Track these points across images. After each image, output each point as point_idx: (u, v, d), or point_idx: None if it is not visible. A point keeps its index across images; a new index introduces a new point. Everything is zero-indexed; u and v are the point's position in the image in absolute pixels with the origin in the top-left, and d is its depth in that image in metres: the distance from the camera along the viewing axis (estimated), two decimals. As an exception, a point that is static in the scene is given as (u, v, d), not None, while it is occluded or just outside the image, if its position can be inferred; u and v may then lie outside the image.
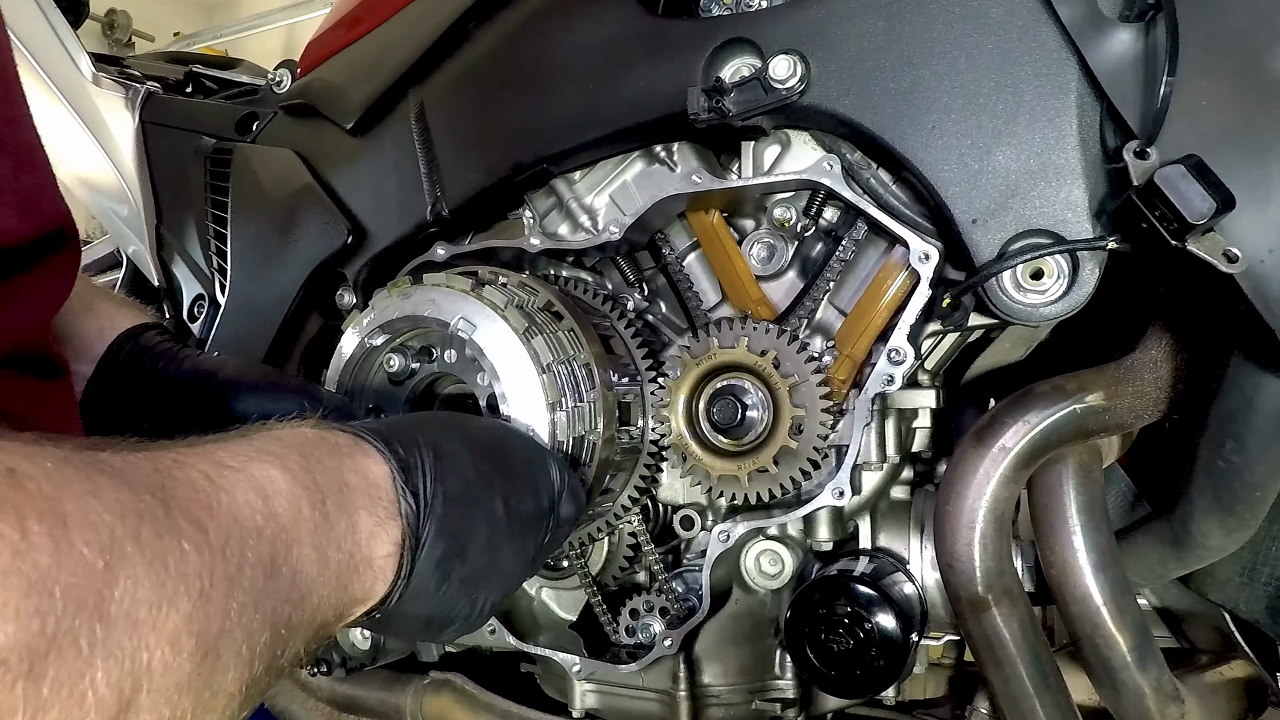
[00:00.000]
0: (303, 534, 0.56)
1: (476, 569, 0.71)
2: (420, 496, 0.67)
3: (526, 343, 0.92)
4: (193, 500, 0.48)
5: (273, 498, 0.54)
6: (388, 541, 0.64)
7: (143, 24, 5.62)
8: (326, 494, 0.59)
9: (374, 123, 1.25)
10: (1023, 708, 0.96)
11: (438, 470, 0.69)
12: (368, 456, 0.66)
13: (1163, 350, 0.93)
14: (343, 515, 0.60)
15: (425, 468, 0.68)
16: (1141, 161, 0.77)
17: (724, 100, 0.93)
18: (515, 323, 0.93)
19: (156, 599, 0.42)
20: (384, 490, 0.65)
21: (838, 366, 1.02)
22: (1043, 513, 0.97)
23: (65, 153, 1.55)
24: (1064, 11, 0.84)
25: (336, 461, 0.63)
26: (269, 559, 0.52)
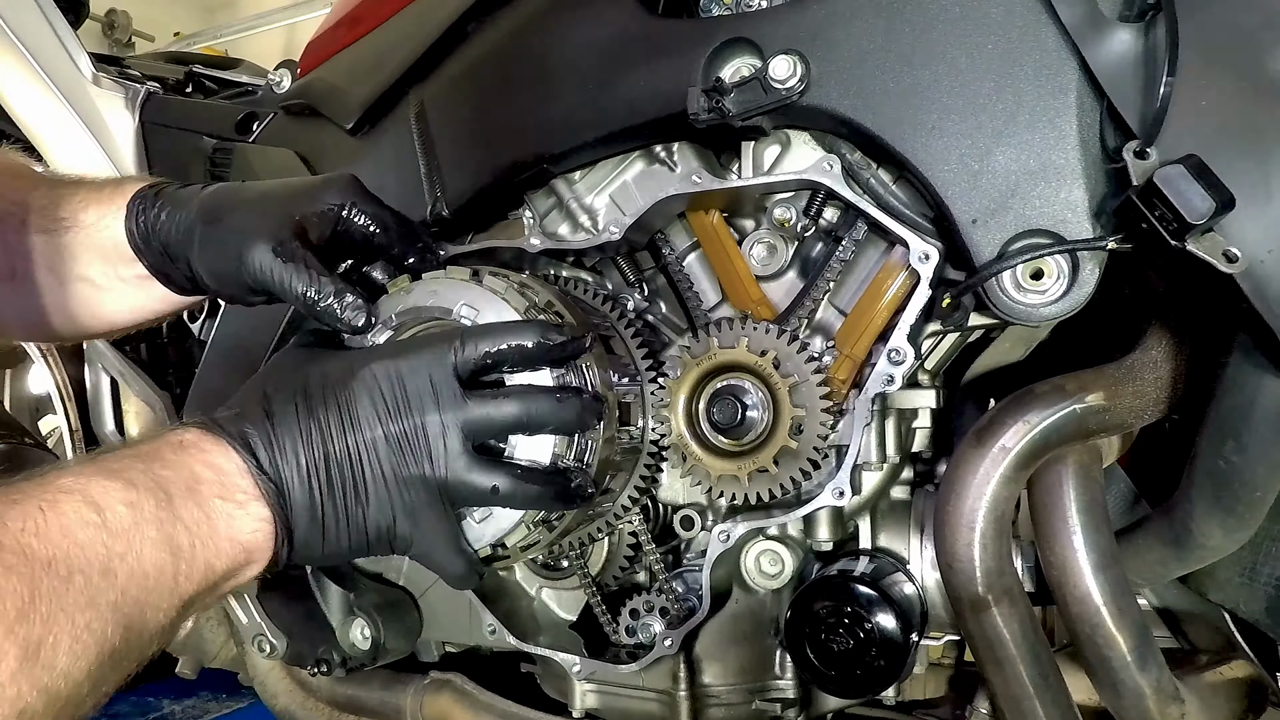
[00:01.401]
0: (146, 529, 0.66)
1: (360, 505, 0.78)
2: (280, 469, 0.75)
3: None
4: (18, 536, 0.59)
5: (107, 508, 0.64)
6: (252, 519, 0.73)
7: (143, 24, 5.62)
8: (172, 491, 0.69)
9: (374, 123, 1.25)
10: (1023, 708, 0.96)
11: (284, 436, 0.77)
12: (216, 447, 0.75)
13: (1163, 350, 0.93)
14: (191, 505, 0.70)
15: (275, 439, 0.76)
16: (1141, 161, 0.77)
17: (724, 100, 0.93)
18: (516, 303, 0.93)
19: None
20: (235, 477, 0.74)
21: (838, 366, 1.02)
22: (1043, 513, 0.97)
23: (65, 153, 1.55)
24: (1064, 11, 0.84)
25: (185, 459, 0.73)
26: (103, 562, 0.62)
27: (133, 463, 0.70)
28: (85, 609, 0.60)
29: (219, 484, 0.73)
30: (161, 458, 0.72)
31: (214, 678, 2.05)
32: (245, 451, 0.75)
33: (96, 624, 0.61)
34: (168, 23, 5.82)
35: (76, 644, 0.59)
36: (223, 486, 0.73)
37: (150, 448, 0.73)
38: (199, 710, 2.16)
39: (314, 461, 0.76)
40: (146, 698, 2.19)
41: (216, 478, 0.73)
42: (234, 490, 0.73)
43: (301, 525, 0.76)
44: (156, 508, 0.67)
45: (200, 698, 2.20)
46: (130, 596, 0.64)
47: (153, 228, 0.95)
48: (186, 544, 0.68)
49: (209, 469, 0.73)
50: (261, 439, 0.76)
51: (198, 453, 0.74)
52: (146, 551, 0.66)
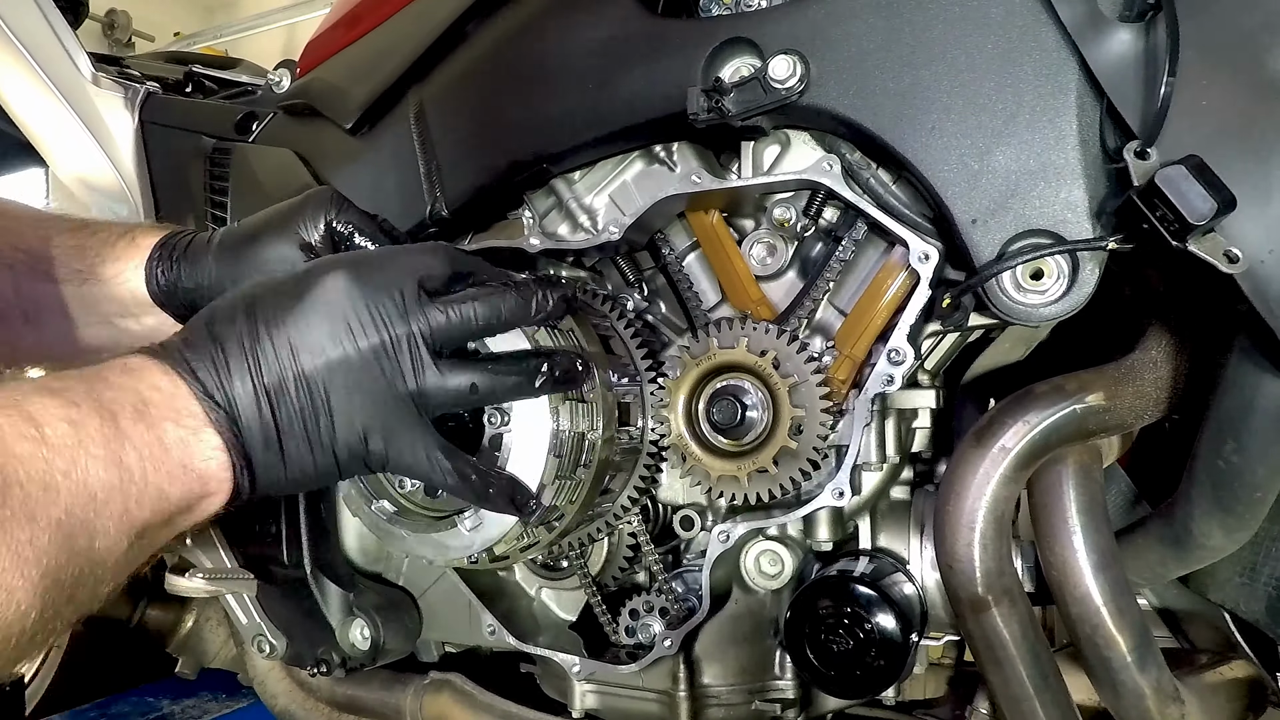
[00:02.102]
0: (90, 447, 0.62)
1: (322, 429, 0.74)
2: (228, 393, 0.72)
3: (531, 340, 0.92)
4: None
5: (46, 424, 0.60)
6: (206, 447, 0.70)
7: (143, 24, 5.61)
8: (118, 411, 0.65)
9: (373, 122, 1.25)
10: (1023, 708, 0.96)
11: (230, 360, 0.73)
12: (163, 374, 0.71)
13: (1163, 350, 0.93)
14: (141, 426, 0.66)
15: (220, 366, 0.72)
16: (1142, 162, 0.77)
17: (724, 100, 0.93)
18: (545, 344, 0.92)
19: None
20: (184, 401, 0.70)
21: (837, 366, 1.02)
22: (1043, 513, 0.97)
23: (65, 153, 1.55)
24: (1064, 11, 0.84)
25: (132, 381, 0.69)
26: (43, 476, 0.58)
27: (75, 383, 0.66)
28: (25, 524, 0.57)
29: (169, 408, 0.69)
30: (105, 379, 0.68)
31: (214, 678, 2.05)
32: (190, 377, 0.71)
33: (40, 539, 0.57)
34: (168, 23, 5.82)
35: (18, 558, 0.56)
36: (174, 410, 0.69)
37: (93, 370, 0.69)
38: (199, 710, 2.16)
39: (266, 387, 0.72)
40: (146, 698, 2.20)
41: (166, 401, 0.69)
42: (184, 415, 0.69)
43: (258, 452, 0.73)
44: (101, 425, 0.63)
45: (200, 698, 2.20)
46: (75, 516, 0.60)
47: (176, 284, 0.96)
48: (136, 465, 0.65)
49: (157, 392, 0.69)
50: (207, 364, 0.72)
51: (145, 375, 0.70)
52: (92, 470, 0.62)
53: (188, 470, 0.68)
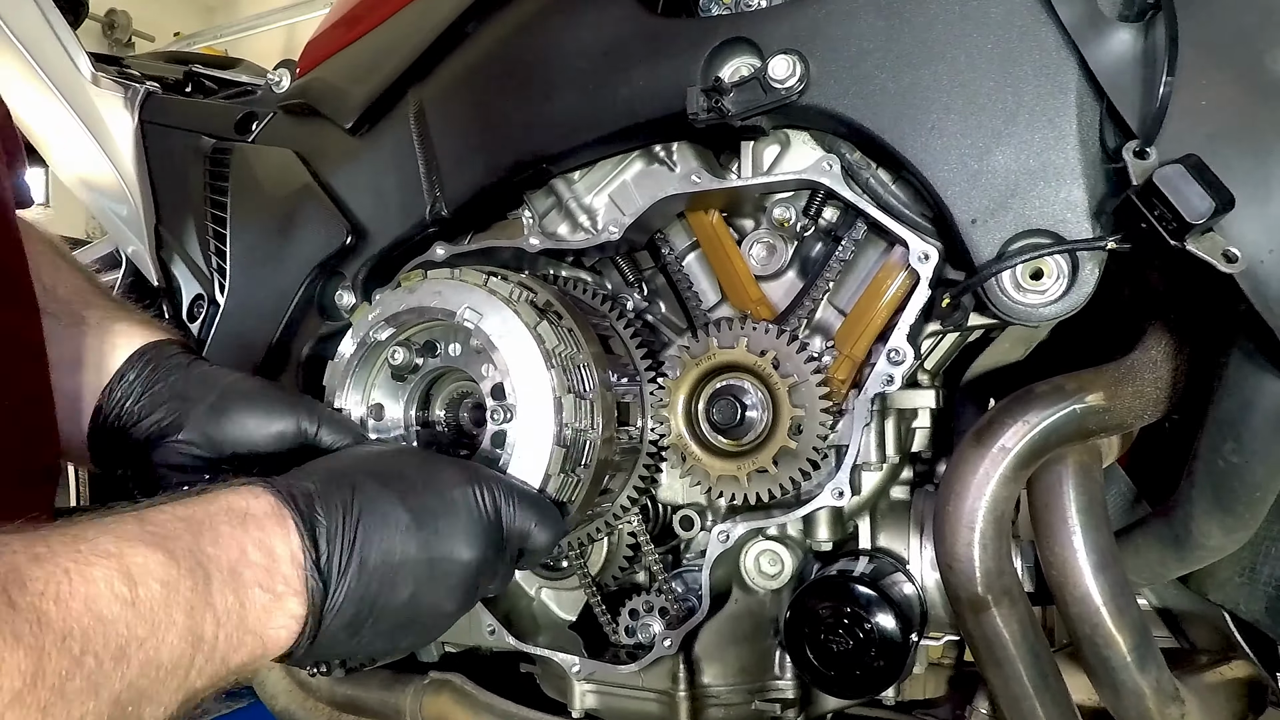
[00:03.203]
0: (174, 614, 0.60)
1: (395, 623, 0.75)
2: (334, 569, 0.71)
3: (534, 333, 0.92)
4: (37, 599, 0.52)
5: (141, 583, 0.58)
6: (284, 615, 0.68)
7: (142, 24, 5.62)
8: (212, 573, 0.63)
9: (373, 122, 1.25)
10: (1023, 707, 0.96)
11: (358, 535, 0.72)
12: (280, 528, 0.69)
13: (1163, 350, 0.93)
14: (228, 593, 0.64)
15: (344, 534, 0.72)
16: (1141, 161, 0.77)
17: (723, 100, 0.93)
18: (527, 316, 0.93)
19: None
20: (287, 567, 0.69)
21: (837, 366, 1.02)
22: (1043, 513, 0.97)
23: (65, 153, 1.55)
24: (1064, 11, 0.84)
25: (239, 536, 0.67)
26: (120, 646, 0.56)
27: (182, 531, 0.64)
28: (87, 698, 0.54)
29: (265, 570, 0.67)
30: (215, 530, 0.66)
31: (214, 678, 2.05)
32: (308, 540, 0.70)
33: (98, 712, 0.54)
34: (167, 23, 5.83)
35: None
36: (268, 574, 0.67)
37: (206, 513, 0.67)
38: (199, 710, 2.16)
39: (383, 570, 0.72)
40: (146, 698, 2.19)
41: (265, 563, 0.67)
42: (278, 579, 0.68)
43: (336, 630, 0.71)
44: (192, 590, 0.62)
45: (200, 698, 2.19)
46: (136, 688, 0.57)
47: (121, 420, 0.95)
48: (210, 636, 0.63)
49: (260, 551, 0.67)
50: (335, 523, 0.71)
51: (255, 530, 0.68)
52: (169, 640, 0.59)
53: (256, 637, 0.67)
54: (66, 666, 0.52)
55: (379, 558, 0.73)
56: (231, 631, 0.64)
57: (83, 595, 0.54)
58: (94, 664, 0.54)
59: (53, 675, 0.51)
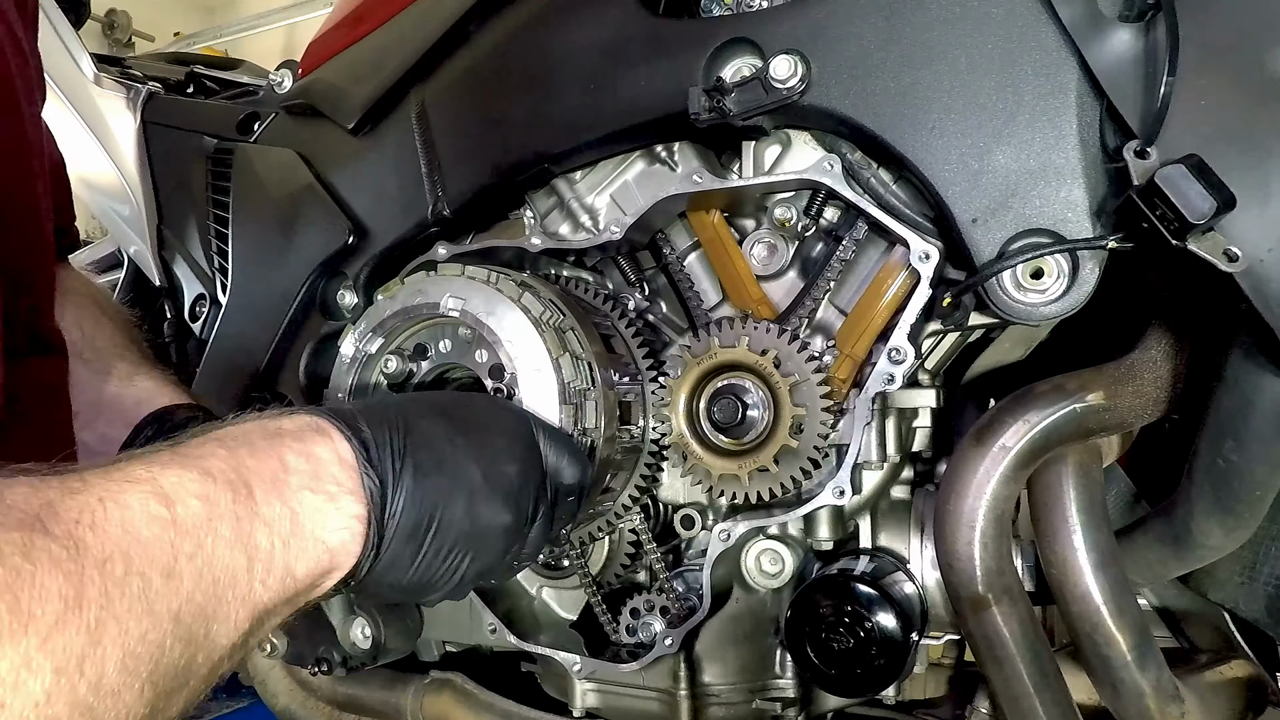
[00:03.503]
0: (219, 527, 0.58)
1: (456, 538, 0.74)
2: (388, 470, 0.70)
3: (539, 329, 0.94)
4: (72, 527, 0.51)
5: (179, 501, 0.57)
6: (342, 516, 0.66)
7: (143, 24, 5.62)
8: (253, 483, 0.62)
9: (375, 123, 1.25)
10: (1022, 707, 0.96)
11: (408, 444, 0.72)
12: (320, 435, 0.68)
13: (1163, 350, 0.93)
14: (274, 500, 0.63)
15: (394, 443, 0.71)
16: (1142, 161, 0.77)
17: (725, 100, 0.94)
18: (509, 292, 0.94)
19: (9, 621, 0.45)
20: (335, 468, 0.67)
21: (838, 366, 1.02)
22: (1043, 512, 0.97)
23: (67, 153, 1.55)
24: (1064, 11, 0.84)
25: (275, 448, 0.66)
26: (167, 564, 0.54)
27: (215, 448, 0.63)
28: (141, 617, 0.52)
29: (311, 474, 0.66)
30: (250, 444, 0.65)
31: (214, 678, 2.04)
32: (355, 440, 0.69)
33: (154, 634, 0.53)
34: (168, 23, 5.83)
35: (129, 658, 0.51)
36: (315, 477, 0.66)
37: (240, 430, 0.66)
38: (199, 710, 2.15)
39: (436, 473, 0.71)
40: (146, 697, 2.19)
41: (309, 467, 0.66)
42: (326, 480, 0.66)
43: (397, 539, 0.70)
44: (234, 502, 0.60)
45: (200, 697, 2.19)
46: (195, 604, 0.56)
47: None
48: (265, 544, 0.61)
49: (303, 457, 0.66)
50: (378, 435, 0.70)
51: (293, 441, 0.67)
52: (219, 552, 0.58)
53: (318, 543, 0.65)
54: (110, 588, 0.51)
55: (431, 464, 0.72)
56: (287, 538, 0.63)
57: (119, 520, 0.53)
58: (141, 583, 0.52)
59: (96, 597, 0.50)
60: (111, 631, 0.50)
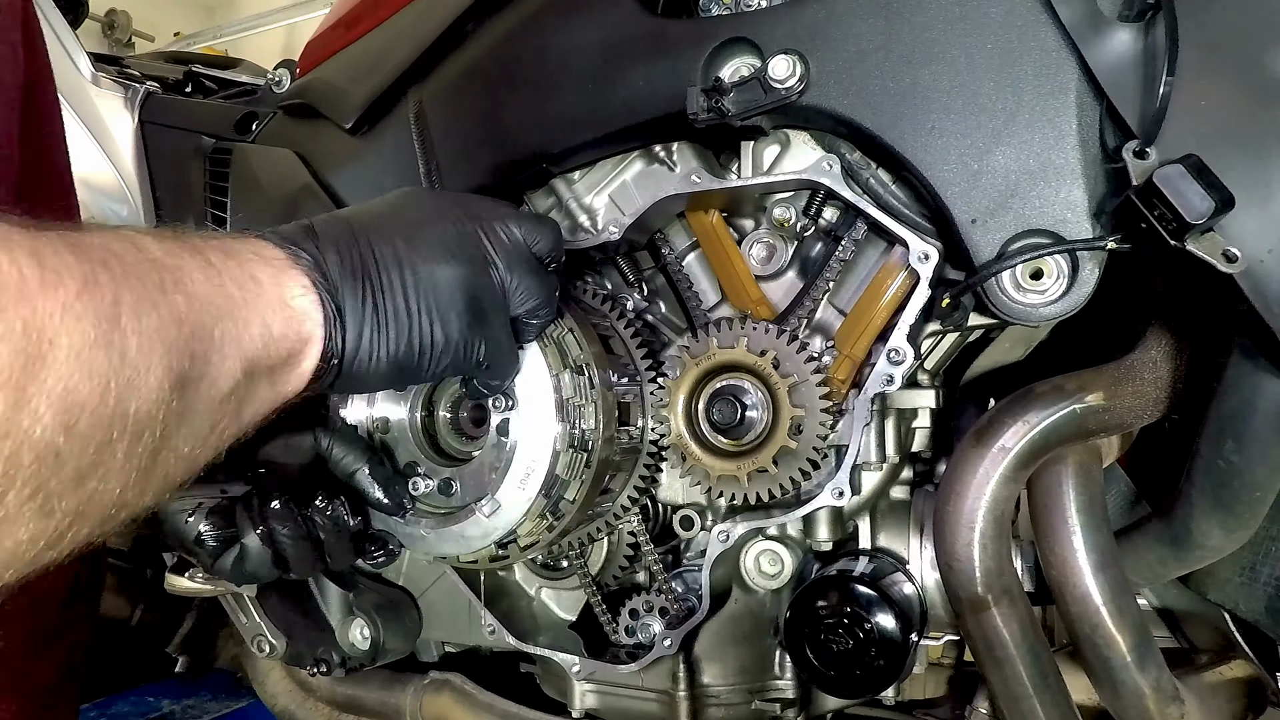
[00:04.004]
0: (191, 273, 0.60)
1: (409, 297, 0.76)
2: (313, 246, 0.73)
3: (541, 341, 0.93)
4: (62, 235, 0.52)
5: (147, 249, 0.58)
6: (293, 284, 0.69)
7: (142, 24, 5.62)
8: (206, 251, 0.64)
9: (373, 122, 1.25)
10: (1022, 707, 0.96)
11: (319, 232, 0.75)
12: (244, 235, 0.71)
13: (1163, 350, 0.93)
14: (231, 263, 0.65)
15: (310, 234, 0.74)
16: (1141, 161, 0.77)
17: (723, 100, 0.93)
18: None
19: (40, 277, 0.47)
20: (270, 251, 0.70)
21: (837, 366, 1.02)
22: (1043, 513, 0.97)
23: (65, 153, 1.55)
24: (1063, 11, 0.84)
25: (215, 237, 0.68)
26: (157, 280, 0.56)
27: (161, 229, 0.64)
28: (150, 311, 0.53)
29: (255, 252, 0.68)
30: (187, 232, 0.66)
31: (214, 678, 2.05)
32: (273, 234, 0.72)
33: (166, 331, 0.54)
34: (167, 23, 5.82)
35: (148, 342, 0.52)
36: (260, 256, 0.68)
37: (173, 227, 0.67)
38: (199, 710, 2.16)
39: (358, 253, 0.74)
40: (146, 697, 2.19)
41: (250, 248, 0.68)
42: (269, 260, 0.69)
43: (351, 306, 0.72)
44: (193, 258, 0.61)
45: (200, 698, 2.19)
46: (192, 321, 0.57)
47: None
48: (237, 295, 0.63)
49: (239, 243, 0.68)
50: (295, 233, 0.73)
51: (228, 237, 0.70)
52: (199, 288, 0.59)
53: (283, 305, 0.67)
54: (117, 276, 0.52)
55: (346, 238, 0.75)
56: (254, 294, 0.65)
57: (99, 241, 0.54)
58: (139, 286, 0.54)
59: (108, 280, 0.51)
60: (128, 308, 0.51)
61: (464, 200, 0.85)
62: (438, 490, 0.97)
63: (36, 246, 0.48)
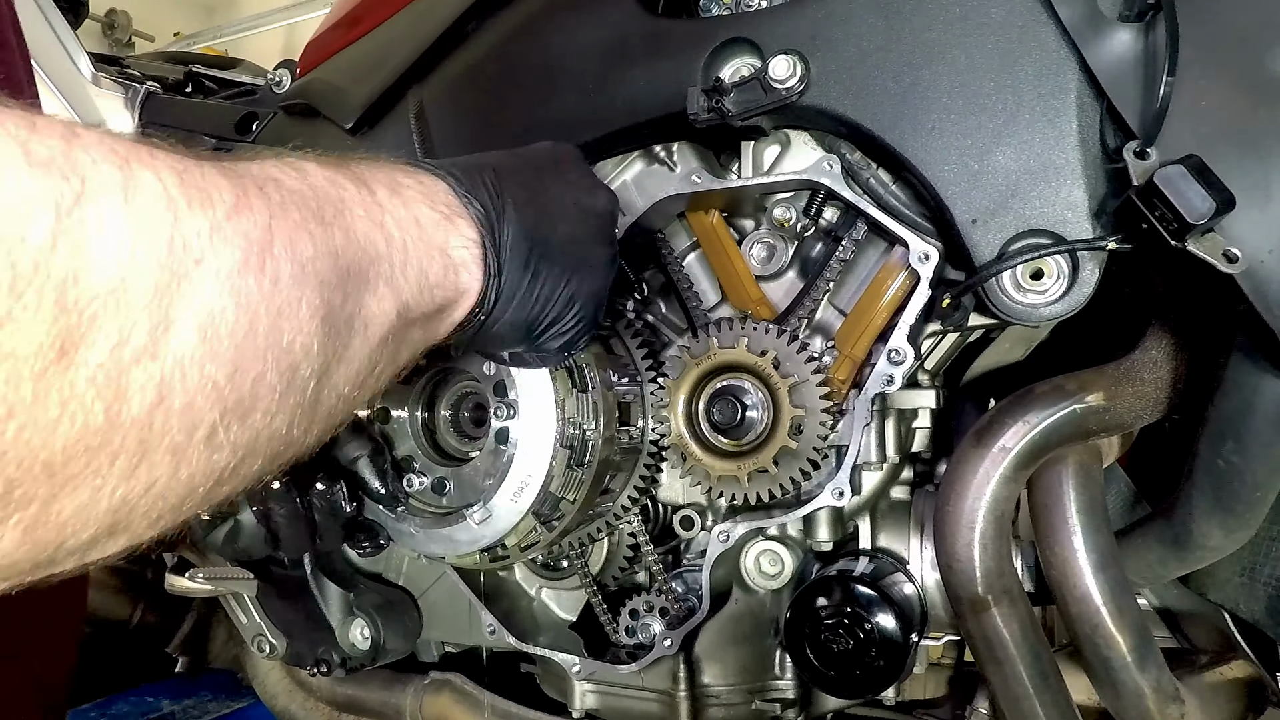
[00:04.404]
0: (352, 206, 0.57)
1: (565, 262, 0.76)
2: (489, 202, 0.71)
3: None
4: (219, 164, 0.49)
5: (309, 174, 0.56)
6: (459, 235, 0.67)
7: (142, 24, 5.61)
8: (374, 186, 0.61)
9: (373, 122, 1.25)
10: (1022, 707, 0.96)
11: (501, 183, 0.73)
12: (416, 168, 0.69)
13: (1163, 350, 0.93)
14: (397, 201, 0.62)
15: (487, 182, 0.72)
16: (1141, 161, 0.77)
17: (724, 100, 0.93)
18: None
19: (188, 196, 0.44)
20: (444, 194, 0.68)
21: (837, 366, 1.02)
22: (1043, 513, 0.97)
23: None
24: (1064, 11, 0.84)
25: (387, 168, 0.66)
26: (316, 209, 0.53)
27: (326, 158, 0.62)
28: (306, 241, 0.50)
29: (424, 193, 0.66)
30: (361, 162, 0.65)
31: (214, 678, 2.05)
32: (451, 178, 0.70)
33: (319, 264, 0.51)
34: (167, 23, 5.82)
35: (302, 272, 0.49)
36: (428, 196, 0.66)
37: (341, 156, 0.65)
38: (199, 710, 2.16)
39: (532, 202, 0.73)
40: (146, 698, 2.19)
41: (422, 188, 0.66)
42: (439, 201, 0.67)
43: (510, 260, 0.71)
44: (359, 191, 0.59)
45: (200, 698, 2.19)
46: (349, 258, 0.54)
47: None
48: (397, 235, 0.60)
49: (414, 180, 0.66)
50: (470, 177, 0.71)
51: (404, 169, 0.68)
52: (357, 224, 0.57)
53: (444, 254, 0.65)
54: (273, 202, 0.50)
55: (525, 197, 0.74)
56: (415, 237, 0.62)
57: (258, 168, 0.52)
58: (298, 213, 0.51)
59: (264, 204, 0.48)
60: (283, 236, 0.49)
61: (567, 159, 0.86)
62: (431, 488, 0.98)
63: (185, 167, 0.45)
